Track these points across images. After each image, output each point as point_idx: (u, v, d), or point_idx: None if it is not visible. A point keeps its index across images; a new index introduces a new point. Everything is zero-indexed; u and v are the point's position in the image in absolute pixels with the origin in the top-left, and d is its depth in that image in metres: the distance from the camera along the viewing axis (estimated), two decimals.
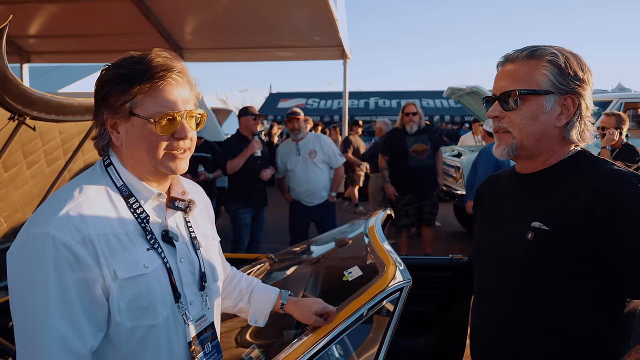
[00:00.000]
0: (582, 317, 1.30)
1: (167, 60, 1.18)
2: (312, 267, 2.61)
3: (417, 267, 3.13)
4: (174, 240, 1.25)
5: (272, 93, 26.65)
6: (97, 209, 1.15)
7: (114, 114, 1.18)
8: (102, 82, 1.19)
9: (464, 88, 8.16)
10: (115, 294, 1.11)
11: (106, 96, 1.17)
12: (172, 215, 1.29)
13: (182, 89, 1.21)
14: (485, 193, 1.67)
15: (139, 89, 1.15)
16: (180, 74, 1.20)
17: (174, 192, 1.32)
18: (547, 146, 1.38)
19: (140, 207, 1.22)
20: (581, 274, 1.29)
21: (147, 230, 1.20)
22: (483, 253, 1.56)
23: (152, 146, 1.18)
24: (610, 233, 1.24)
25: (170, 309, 1.21)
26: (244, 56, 10.57)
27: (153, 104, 1.16)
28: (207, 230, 1.43)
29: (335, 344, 1.68)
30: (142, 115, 1.16)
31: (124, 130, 1.19)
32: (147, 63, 1.16)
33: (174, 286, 1.21)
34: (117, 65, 1.18)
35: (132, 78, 1.15)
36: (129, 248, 1.15)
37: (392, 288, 1.74)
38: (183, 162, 1.24)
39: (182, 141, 1.21)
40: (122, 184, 1.22)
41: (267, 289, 1.70)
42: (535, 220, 1.35)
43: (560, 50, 1.35)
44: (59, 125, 2.29)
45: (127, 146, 1.21)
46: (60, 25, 8.86)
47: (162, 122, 1.16)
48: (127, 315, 1.13)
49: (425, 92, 23.29)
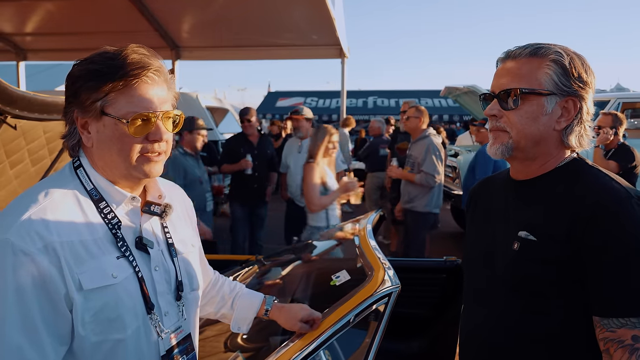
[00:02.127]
0: (568, 328, 1.25)
1: (144, 57, 1.11)
2: (300, 270, 2.56)
3: (410, 269, 3.10)
4: (149, 247, 1.18)
5: (270, 92, 26.58)
6: (63, 214, 1.07)
7: (84, 113, 1.11)
8: (73, 77, 1.12)
9: (460, 87, 8.14)
10: (79, 305, 1.04)
11: (77, 93, 1.10)
12: (147, 220, 1.22)
13: (158, 88, 1.14)
14: (478, 196, 1.62)
15: (112, 86, 1.07)
16: (157, 72, 1.13)
17: (149, 195, 1.26)
18: (544, 150, 1.32)
19: (111, 211, 1.14)
20: (565, 285, 1.24)
21: (118, 237, 1.13)
22: (471, 260, 1.51)
23: (125, 148, 1.11)
24: (587, 243, 1.19)
25: (142, 321, 1.13)
26: (242, 54, 10.54)
27: (126, 103, 1.08)
28: (186, 236, 1.36)
29: (323, 349, 1.64)
30: (114, 114, 1.09)
31: (95, 130, 1.12)
32: (122, 59, 1.09)
33: (147, 296, 1.14)
34: (90, 60, 1.11)
35: (104, 74, 1.07)
36: (97, 256, 1.08)
37: (381, 293, 1.70)
38: (158, 165, 1.16)
39: (157, 144, 1.14)
40: (92, 188, 1.14)
41: (250, 295, 1.65)
42: (522, 230, 1.30)
43: (565, 50, 1.28)
44: (44, 124, 2.23)
45: (98, 147, 1.13)
46: (56, 23, 8.83)
47: (135, 123, 1.09)
48: (91, 329, 1.06)
49: (423, 92, 23.25)
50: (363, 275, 1.90)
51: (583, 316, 1.23)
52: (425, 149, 4.87)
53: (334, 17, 7.71)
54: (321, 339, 1.58)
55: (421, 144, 4.95)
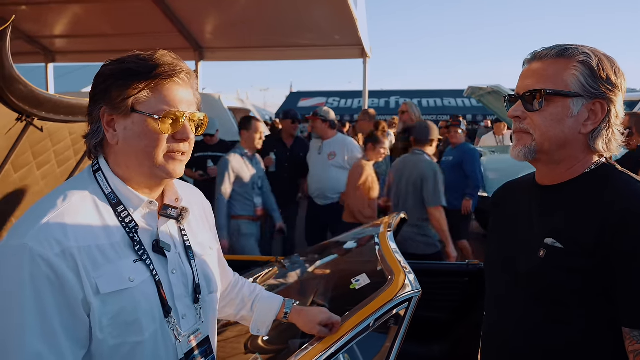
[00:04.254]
0: (590, 338, 1.22)
1: (176, 61, 1.16)
2: (320, 272, 2.55)
3: (432, 273, 3.06)
4: (166, 251, 1.19)
5: (292, 92, 26.64)
6: (81, 219, 1.09)
7: (113, 109, 1.12)
8: (104, 75, 1.14)
9: (484, 87, 8.01)
10: (97, 309, 1.05)
11: (108, 90, 1.12)
12: (164, 223, 1.23)
13: (187, 91, 1.18)
14: (502, 200, 1.58)
15: (146, 84, 1.11)
16: (188, 75, 1.17)
17: (167, 199, 1.26)
18: (569, 153, 1.28)
19: (129, 215, 1.15)
20: (589, 294, 1.20)
21: (136, 241, 1.14)
22: (493, 265, 1.48)
23: (152, 145, 1.13)
24: (616, 250, 1.15)
25: (159, 325, 1.14)
26: (264, 55, 10.58)
27: (158, 102, 1.12)
28: (205, 238, 1.37)
29: (342, 353, 1.63)
30: (145, 111, 1.11)
31: (122, 127, 1.13)
32: (156, 60, 1.13)
33: (164, 300, 1.15)
34: (122, 60, 1.14)
35: (138, 73, 1.11)
36: (114, 260, 1.09)
37: (401, 298, 1.68)
38: (181, 165, 1.18)
39: (182, 143, 1.16)
40: (110, 191, 1.15)
41: (270, 298, 1.65)
42: (548, 237, 1.27)
43: (594, 51, 1.24)
44: (69, 125, 2.27)
45: (124, 145, 1.14)
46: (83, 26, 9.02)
47: (165, 121, 1.12)
48: (109, 332, 1.07)
49: (446, 91, 22.99)
50: (383, 279, 1.89)
51: (608, 328, 1.19)
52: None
53: (356, 17, 7.68)
54: (341, 342, 1.57)
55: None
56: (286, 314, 1.62)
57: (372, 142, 4.75)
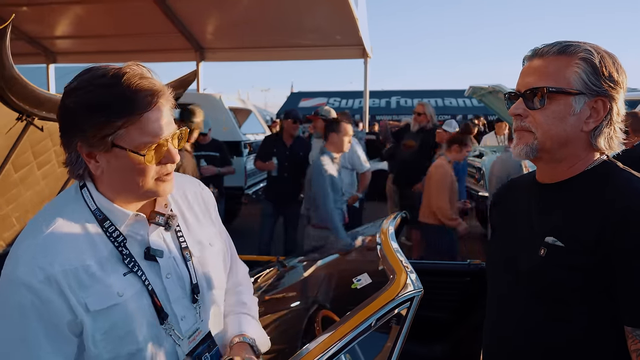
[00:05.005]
0: (591, 336, 1.21)
1: (151, 82, 1.07)
2: (321, 272, 2.55)
3: (434, 273, 3.06)
4: (158, 257, 1.18)
5: (293, 92, 26.64)
6: (66, 241, 1.08)
7: (90, 147, 1.07)
8: (71, 110, 1.05)
9: (485, 87, 7.99)
10: (89, 326, 1.06)
11: (80, 126, 1.04)
12: (155, 229, 1.21)
13: (165, 112, 1.11)
14: (502, 199, 1.58)
15: (124, 121, 1.03)
16: (165, 96, 1.10)
17: (157, 205, 1.24)
18: (571, 151, 1.27)
19: (115, 230, 1.14)
20: (590, 292, 1.19)
21: (124, 254, 1.13)
22: (494, 264, 1.48)
23: (140, 176, 1.10)
24: (617, 247, 1.14)
25: (156, 332, 1.14)
26: (265, 55, 10.61)
27: (139, 135, 1.06)
28: (204, 236, 1.33)
29: (344, 353, 1.62)
30: (127, 147, 1.06)
31: (105, 160, 1.10)
32: (130, 89, 1.03)
33: (159, 307, 1.15)
34: (88, 89, 1.04)
35: (112, 107, 1.02)
36: (101, 279, 1.08)
37: (402, 298, 1.67)
38: (170, 184, 1.17)
39: (169, 165, 1.14)
40: (95, 208, 1.14)
41: (232, 323, 1.40)
42: (549, 235, 1.26)
43: (595, 48, 1.23)
44: None
45: (109, 175, 1.12)
46: (84, 26, 9.05)
47: (150, 153, 1.08)
48: (103, 347, 1.08)
49: (447, 91, 22.98)
50: (385, 278, 1.88)
51: (610, 326, 1.18)
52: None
53: (357, 17, 7.69)
54: (342, 342, 1.56)
55: None
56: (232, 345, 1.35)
57: (458, 143, 4.72)
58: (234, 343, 1.30)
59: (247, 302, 1.48)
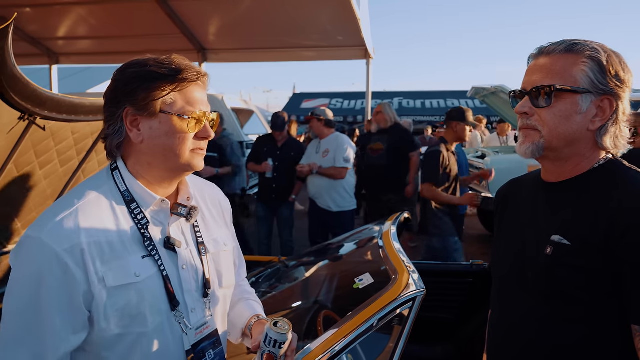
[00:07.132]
0: (598, 336, 1.20)
1: (194, 65, 1.22)
2: (323, 272, 2.54)
3: (436, 273, 3.04)
4: (176, 247, 1.24)
5: (295, 93, 26.66)
6: (94, 216, 1.15)
7: (139, 110, 1.17)
8: (127, 79, 1.18)
9: (488, 87, 7.99)
10: (103, 300, 1.11)
11: (133, 92, 1.16)
12: (176, 220, 1.27)
13: (205, 93, 1.25)
14: (507, 198, 1.56)
15: (173, 87, 1.17)
16: (205, 79, 1.24)
17: (180, 197, 1.31)
18: (577, 150, 1.26)
19: (141, 212, 1.21)
20: (597, 292, 1.19)
21: (146, 237, 1.19)
22: (499, 264, 1.47)
23: (180, 142, 1.19)
24: (624, 245, 1.13)
25: (166, 317, 1.19)
26: (268, 56, 10.59)
27: (184, 103, 1.18)
28: (220, 235, 1.39)
29: (346, 353, 1.62)
30: (172, 112, 1.17)
31: (147, 127, 1.18)
32: (179, 64, 1.19)
33: (171, 294, 1.19)
34: (143, 64, 1.19)
35: (165, 76, 1.16)
36: (123, 256, 1.14)
37: (405, 298, 1.66)
38: (202, 159, 1.26)
39: (204, 141, 1.24)
40: (125, 189, 1.21)
41: (248, 306, 1.49)
42: (555, 234, 1.25)
43: (602, 47, 1.23)
44: (72, 125, 2.27)
45: (149, 143, 1.20)
46: (87, 27, 9.05)
47: (191, 121, 1.19)
48: (115, 323, 1.12)
49: (450, 92, 22.97)
50: (387, 278, 1.87)
51: (616, 325, 1.18)
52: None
53: (359, 18, 7.68)
54: (344, 342, 1.56)
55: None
56: (251, 325, 1.42)
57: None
58: (253, 323, 1.41)
59: (252, 292, 1.59)
